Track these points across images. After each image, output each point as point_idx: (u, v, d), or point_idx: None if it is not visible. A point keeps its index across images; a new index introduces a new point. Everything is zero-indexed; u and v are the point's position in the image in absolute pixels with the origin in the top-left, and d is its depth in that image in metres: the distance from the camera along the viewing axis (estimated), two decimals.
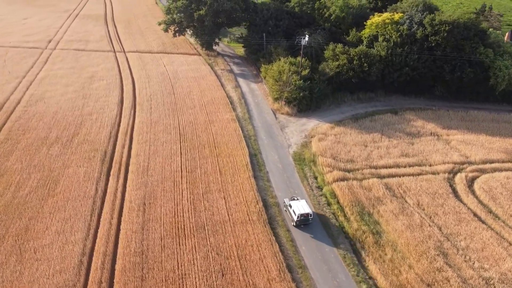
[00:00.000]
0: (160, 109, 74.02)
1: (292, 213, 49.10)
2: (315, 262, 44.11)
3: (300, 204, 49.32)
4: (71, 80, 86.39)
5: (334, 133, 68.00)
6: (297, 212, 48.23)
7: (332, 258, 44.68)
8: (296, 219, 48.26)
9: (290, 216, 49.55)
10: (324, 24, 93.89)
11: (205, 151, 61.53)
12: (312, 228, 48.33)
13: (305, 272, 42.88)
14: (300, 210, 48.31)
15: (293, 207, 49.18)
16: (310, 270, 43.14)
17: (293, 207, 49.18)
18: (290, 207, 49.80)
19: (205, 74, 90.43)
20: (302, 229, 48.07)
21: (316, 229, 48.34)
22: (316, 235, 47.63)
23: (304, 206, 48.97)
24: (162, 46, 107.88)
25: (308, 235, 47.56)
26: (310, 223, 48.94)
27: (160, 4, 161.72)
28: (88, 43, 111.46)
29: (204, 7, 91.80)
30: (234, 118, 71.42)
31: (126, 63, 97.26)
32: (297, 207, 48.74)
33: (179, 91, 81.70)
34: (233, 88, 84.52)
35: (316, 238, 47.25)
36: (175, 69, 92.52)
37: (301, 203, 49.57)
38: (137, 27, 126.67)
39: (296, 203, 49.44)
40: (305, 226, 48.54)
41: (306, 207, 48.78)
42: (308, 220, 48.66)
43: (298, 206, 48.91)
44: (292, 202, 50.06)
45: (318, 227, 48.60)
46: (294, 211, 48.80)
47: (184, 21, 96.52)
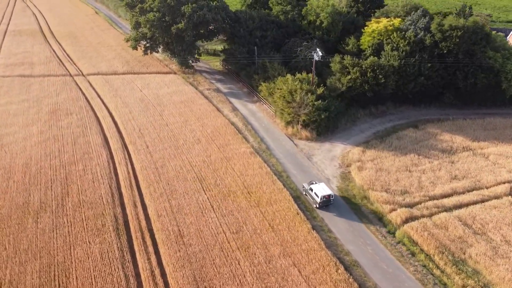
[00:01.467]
0: (160, 148, 61.45)
1: (315, 196, 51.09)
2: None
3: (320, 187, 51.74)
4: (31, 118, 70.03)
5: (368, 158, 60.63)
6: (320, 194, 50.40)
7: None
8: (319, 201, 50.43)
9: (312, 199, 51.57)
10: (315, 32, 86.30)
11: (239, 199, 50.79)
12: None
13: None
14: (322, 192, 50.59)
15: (314, 190, 51.32)
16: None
17: (314, 190, 51.32)
18: (311, 190, 51.82)
19: (192, 97, 78.54)
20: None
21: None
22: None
23: (325, 188, 51.59)
24: (127, 65, 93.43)
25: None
26: (331, 204, 51.07)
27: (101, 13, 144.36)
28: (34, 66, 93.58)
29: (183, 20, 79.66)
30: (251, 150, 61.10)
31: (91, 89, 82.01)
32: (319, 190, 51.04)
33: (172, 121, 69.30)
34: (232, 112, 73.86)
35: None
36: (155, 93, 79.43)
37: (321, 186, 52.02)
38: (87, 43, 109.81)
39: (317, 186, 51.76)
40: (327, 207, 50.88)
41: (327, 189, 51.44)
42: (329, 201, 51.01)
43: (319, 188, 51.29)
44: (313, 185, 52.02)
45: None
46: (316, 193, 50.96)
47: (158, 37, 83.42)
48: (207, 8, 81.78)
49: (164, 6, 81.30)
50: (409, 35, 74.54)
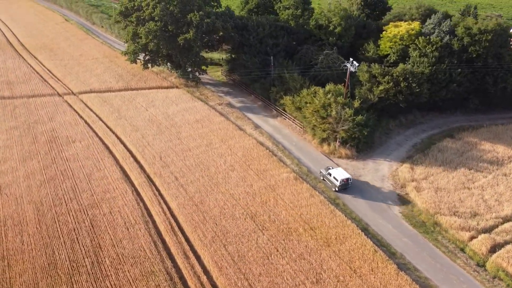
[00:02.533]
0: (191, 179, 53.76)
1: (334, 180, 53.40)
2: None
3: (339, 171, 54.15)
4: (27, 150, 60.03)
5: (420, 176, 55.97)
6: (339, 178, 52.79)
7: None
8: (338, 184, 52.75)
9: (331, 184, 53.85)
10: (328, 38, 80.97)
11: (304, 238, 44.37)
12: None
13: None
14: (341, 176, 53.08)
15: (333, 175, 53.68)
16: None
17: (333, 175, 53.68)
18: (329, 175, 54.14)
19: (206, 114, 70.92)
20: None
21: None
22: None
23: (343, 172, 54.09)
24: (122, 80, 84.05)
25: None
26: (349, 187, 53.36)
27: (72, 21, 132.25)
28: (12, 85, 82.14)
29: (191, 29, 71.74)
30: (294, 175, 54.65)
31: (89, 110, 72.36)
32: (338, 174, 53.44)
33: (194, 144, 61.62)
34: (255, 130, 67.07)
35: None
36: (164, 112, 71.10)
37: (339, 170, 54.50)
38: (67, 56, 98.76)
39: (335, 171, 54.10)
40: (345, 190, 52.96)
41: (345, 173, 53.93)
42: (347, 184, 53.43)
43: (338, 173, 53.67)
44: (331, 170, 54.43)
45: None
46: (335, 177, 53.27)
47: (162, 49, 74.84)
48: (215, 15, 74.44)
49: (166, 15, 73.06)
50: (435, 40, 70.88)
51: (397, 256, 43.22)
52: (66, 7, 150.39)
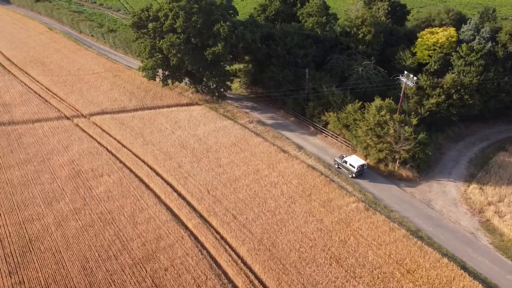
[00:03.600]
0: (251, 216, 47.26)
1: (350, 167, 55.92)
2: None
3: (353, 158, 56.77)
4: (49, 189, 51.62)
5: (494, 198, 51.69)
6: (356, 165, 55.42)
7: None
8: (355, 170, 55.29)
9: (347, 171, 56.38)
10: (357, 46, 76.05)
11: (406, 286, 39.03)
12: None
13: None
14: (358, 163, 55.76)
15: (349, 162, 56.19)
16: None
17: (349, 162, 56.19)
18: (345, 163, 56.60)
19: (240, 135, 64.30)
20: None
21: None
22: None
23: (358, 159, 56.81)
24: (134, 97, 75.96)
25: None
26: (364, 173, 56.28)
27: (56, 30, 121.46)
28: (10, 108, 72.47)
29: (220, 42, 64.81)
30: (363, 205, 49.17)
31: (107, 136, 64.13)
32: (354, 161, 56.09)
33: (239, 172, 55.00)
34: (299, 152, 61.09)
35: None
36: (194, 135, 64.03)
37: (353, 157, 57.06)
38: (64, 71, 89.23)
39: (350, 158, 56.72)
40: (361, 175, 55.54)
41: (360, 160, 56.71)
42: (363, 170, 56.30)
43: (353, 160, 56.36)
44: (346, 158, 56.94)
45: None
46: (352, 164, 55.81)
47: (187, 63, 67.38)
48: (243, 26, 67.87)
49: (189, 26, 65.84)
50: (477, 47, 67.28)
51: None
52: (46, 14, 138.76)
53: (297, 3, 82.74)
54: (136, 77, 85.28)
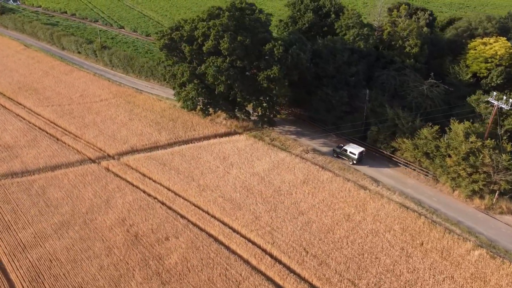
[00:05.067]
0: (373, 281, 39.28)
1: (351, 154, 58.59)
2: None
3: (352, 146, 59.41)
4: (107, 264, 41.11)
5: None
6: (356, 152, 58.24)
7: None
8: (356, 157, 58.10)
9: (348, 158, 58.97)
10: (405, 60, 70.21)
11: None
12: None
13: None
14: (358, 150, 58.63)
15: (349, 150, 58.91)
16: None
17: (349, 150, 58.91)
18: (345, 151, 59.22)
19: (305, 170, 56.06)
20: None
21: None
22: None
23: (357, 147, 59.49)
24: (163, 129, 65.60)
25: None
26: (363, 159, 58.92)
27: (34, 47, 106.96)
28: (17, 152, 59.94)
29: (275, 65, 56.31)
30: (486, 251, 43.15)
31: (150, 181, 53.68)
32: (354, 149, 58.89)
33: (329, 221, 46.91)
34: (378, 186, 53.75)
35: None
36: (253, 173, 55.11)
37: (352, 145, 59.74)
38: (64, 98, 76.66)
39: (349, 147, 59.29)
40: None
41: (359, 147, 59.36)
42: (362, 157, 59.03)
43: (353, 148, 59.08)
44: (345, 147, 59.58)
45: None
46: (352, 152, 58.56)
47: (237, 91, 58.11)
48: (296, 45, 59.73)
49: (237, 47, 56.82)
50: None
51: None
52: (15, 28, 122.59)
53: (331, 14, 75.78)
54: (153, 103, 74.78)
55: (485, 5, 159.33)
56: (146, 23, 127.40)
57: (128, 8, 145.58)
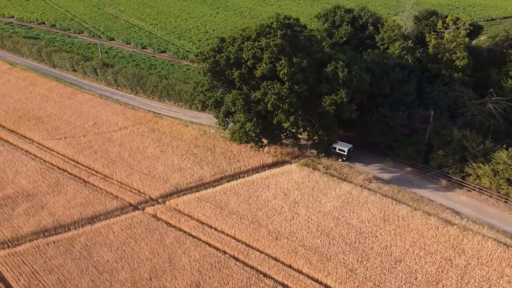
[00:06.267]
0: None
1: (340, 151, 59.32)
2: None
3: (341, 144, 59.76)
4: None
5: None
6: (345, 149, 59.04)
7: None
8: (346, 153, 58.98)
9: (338, 155, 59.45)
10: (453, 74, 66.13)
11: None
12: None
13: None
14: (347, 147, 59.37)
15: (338, 147, 59.34)
16: None
17: (338, 147, 59.34)
18: (335, 148, 59.32)
19: (380, 205, 50.20)
20: None
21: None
22: None
23: (345, 143, 60.08)
24: (204, 162, 57.95)
25: None
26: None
27: (19, 65, 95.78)
28: (41, 200, 50.69)
29: (342, 89, 50.28)
30: None
31: (213, 231, 46.18)
32: (342, 146, 59.55)
33: (431, 269, 41.19)
34: (462, 219, 48.68)
35: None
36: (323, 211, 48.73)
37: (340, 143, 59.79)
38: (76, 127, 67.13)
39: (337, 144, 59.34)
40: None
41: (347, 144, 60.01)
42: (350, 153, 59.89)
43: (342, 145, 59.62)
44: (334, 144, 59.13)
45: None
46: (341, 149, 59.29)
47: (299, 120, 51.46)
48: (358, 65, 53.95)
49: (296, 71, 50.16)
50: None
51: None
52: None
53: (369, 26, 70.68)
54: (180, 129, 67.03)
55: (473, 6, 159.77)
56: (138, 34, 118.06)
57: (112, 17, 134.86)
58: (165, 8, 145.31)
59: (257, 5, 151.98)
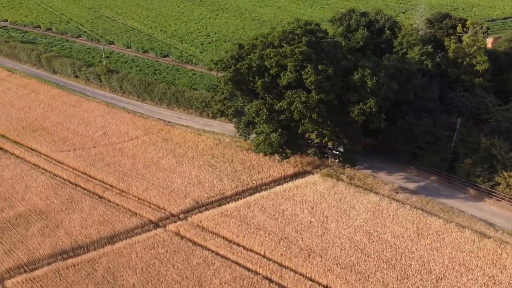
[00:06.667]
0: None
1: (336, 152, 56.96)
2: None
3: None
4: None
5: None
6: (342, 149, 55.62)
7: None
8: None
9: (333, 157, 58.03)
10: (473, 79, 64.72)
11: None
12: None
13: None
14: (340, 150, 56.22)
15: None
16: None
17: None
18: (330, 150, 57.57)
19: (410, 217, 48.25)
20: None
21: None
22: None
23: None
24: (224, 174, 55.41)
25: None
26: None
27: (17, 71, 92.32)
28: (55, 218, 47.79)
29: (371, 98, 48.28)
30: None
31: (241, 249, 43.81)
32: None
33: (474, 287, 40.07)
34: (497, 231, 47.03)
35: None
36: (355, 226, 46.66)
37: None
38: (85, 138, 64.15)
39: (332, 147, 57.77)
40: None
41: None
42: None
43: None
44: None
45: None
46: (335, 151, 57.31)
47: (327, 130, 49.28)
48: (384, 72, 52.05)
49: (323, 79, 48.04)
50: None
51: None
52: None
53: (385, 30, 68.93)
54: (194, 138, 64.55)
55: (472, 7, 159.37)
56: (138, 37, 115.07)
57: (109, 20, 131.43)
58: (163, 10, 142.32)
59: (256, 7, 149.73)
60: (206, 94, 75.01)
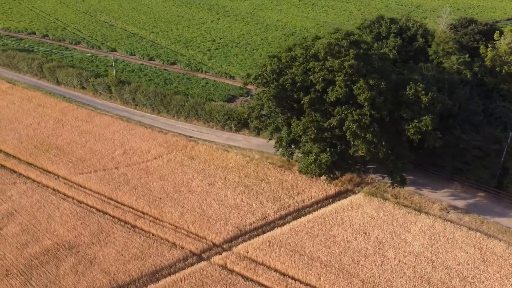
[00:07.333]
0: None
1: None
2: None
3: None
4: None
5: None
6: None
7: None
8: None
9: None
10: (511, 88, 62.20)
11: None
12: None
13: None
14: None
15: None
16: None
17: None
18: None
19: (472, 242, 45.11)
20: None
21: None
22: None
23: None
24: (263, 196, 51.47)
25: None
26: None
27: (19, 83, 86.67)
28: (87, 253, 43.24)
29: (427, 115, 44.94)
30: None
31: (299, 284, 40.26)
32: None
33: None
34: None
35: None
36: (414, 253, 43.19)
37: None
38: (103, 157, 59.25)
39: None
40: None
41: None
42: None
43: None
44: None
45: None
46: None
47: (381, 150, 45.75)
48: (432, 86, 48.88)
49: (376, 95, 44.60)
50: None
51: None
52: None
53: (418, 38, 65.97)
54: (221, 155, 60.46)
55: (473, 8, 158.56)
56: (141, 44, 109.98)
57: (107, 25, 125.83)
58: (162, 14, 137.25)
59: (257, 10, 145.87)
60: (228, 106, 71.15)
